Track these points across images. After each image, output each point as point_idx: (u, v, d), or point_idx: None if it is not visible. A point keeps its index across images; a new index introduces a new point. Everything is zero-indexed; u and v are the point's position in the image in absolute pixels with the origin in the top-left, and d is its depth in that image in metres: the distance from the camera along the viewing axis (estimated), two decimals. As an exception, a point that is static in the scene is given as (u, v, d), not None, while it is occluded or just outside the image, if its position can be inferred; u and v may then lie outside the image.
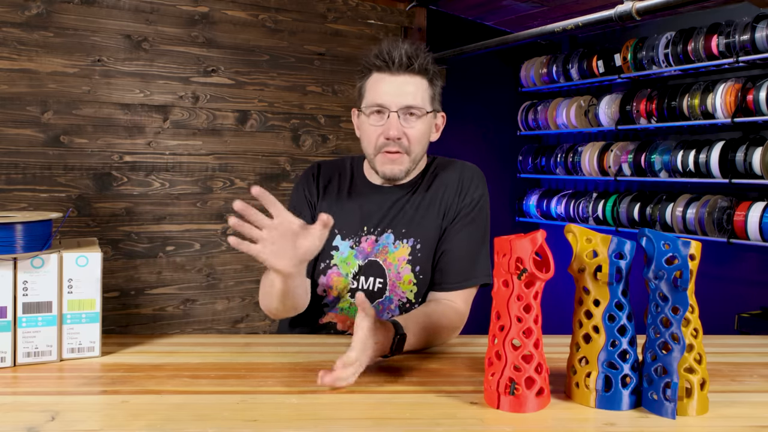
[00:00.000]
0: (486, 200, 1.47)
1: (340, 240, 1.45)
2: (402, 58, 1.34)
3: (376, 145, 1.38)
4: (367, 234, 1.44)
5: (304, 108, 3.17)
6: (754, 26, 3.00)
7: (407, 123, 1.36)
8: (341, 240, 1.44)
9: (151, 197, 2.83)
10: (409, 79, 1.36)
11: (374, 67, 1.37)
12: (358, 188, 1.49)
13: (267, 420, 0.93)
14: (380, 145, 1.38)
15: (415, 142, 1.38)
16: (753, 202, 3.06)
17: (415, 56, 1.35)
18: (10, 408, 0.96)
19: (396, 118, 1.35)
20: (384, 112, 1.36)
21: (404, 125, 1.36)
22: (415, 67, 1.35)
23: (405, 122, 1.36)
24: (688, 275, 0.94)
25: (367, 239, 1.43)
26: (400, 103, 1.35)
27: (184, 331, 2.92)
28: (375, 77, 1.38)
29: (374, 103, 1.36)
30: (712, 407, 0.99)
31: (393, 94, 1.35)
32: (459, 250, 1.41)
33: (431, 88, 1.40)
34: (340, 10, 3.24)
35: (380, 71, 1.36)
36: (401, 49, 1.34)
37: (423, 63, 1.36)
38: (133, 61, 2.76)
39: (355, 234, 1.44)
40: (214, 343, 1.37)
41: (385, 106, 1.35)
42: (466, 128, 4.20)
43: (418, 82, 1.36)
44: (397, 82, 1.35)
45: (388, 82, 1.35)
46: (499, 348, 0.98)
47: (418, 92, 1.36)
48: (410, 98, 1.35)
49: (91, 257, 1.18)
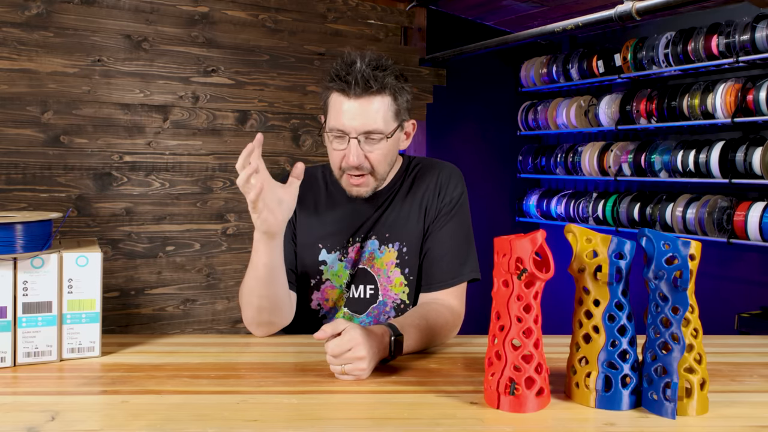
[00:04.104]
0: (465, 198, 1.46)
1: (326, 254, 1.43)
2: (357, 81, 1.26)
3: (339, 167, 1.36)
4: (351, 244, 1.43)
5: (304, 108, 3.17)
6: (754, 26, 3.00)
7: (369, 146, 1.32)
8: (327, 254, 1.43)
9: (151, 197, 2.83)
10: (370, 100, 1.29)
11: (333, 88, 1.31)
12: (335, 198, 1.46)
13: (267, 420, 0.93)
14: (344, 167, 1.34)
15: (378, 164, 1.34)
16: (753, 202, 3.06)
17: (372, 77, 1.27)
18: (10, 408, 0.96)
19: (356, 144, 1.30)
20: (344, 137, 1.31)
21: (366, 149, 1.31)
22: (374, 88, 1.28)
23: (367, 145, 1.31)
24: (688, 275, 0.94)
25: (352, 248, 1.43)
26: (359, 128, 1.29)
27: (184, 331, 2.92)
28: (334, 98, 1.31)
29: (334, 128, 1.31)
30: (712, 407, 0.99)
31: (352, 118, 1.29)
32: (443, 249, 1.41)
33: (395, 104, 1.33)
34: (340, 10, 3.24)
35: (340, 93, 1.30)
36: (358, 72, 1.27)
37: (382, 82, 1.28)
38: (133, 61, 2.76)
39: (340, 245, 1.43)
40: (214, 343, 1.37)
41: (345, 132, 1.30)
42: (466, 128, 4.20)
43: (379, 101, 1.30)
44: (357, 106, 1.29)
45: (347, 106, 1.29)
46: (499, 348, 0.98)
47: (379, 113, 1.30)
48: (371, 123, 1.29)
49: (91, 257, 1.18)
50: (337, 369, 1.10)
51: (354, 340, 1.08)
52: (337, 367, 1.10)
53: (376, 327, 1.18)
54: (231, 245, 3.02)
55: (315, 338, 1.11)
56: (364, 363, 1.09)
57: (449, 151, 4.08)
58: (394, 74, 1.32)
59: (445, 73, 3.69)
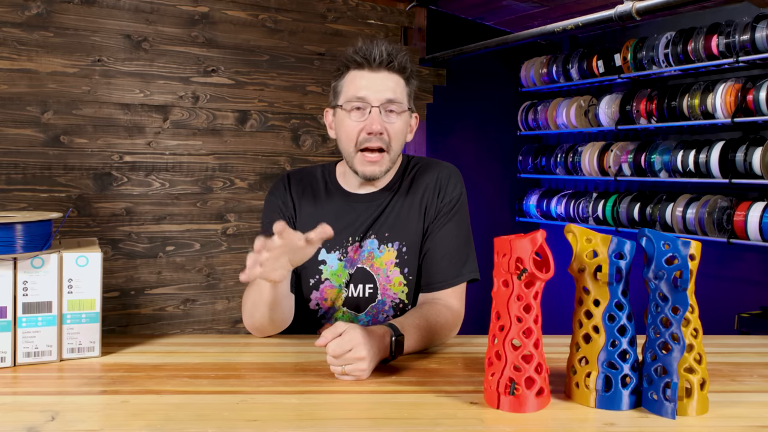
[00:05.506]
0: (464, 198, 1.47)
1: (326, 253, 1.43)
2: (382, 54, 1.34)
3: (357, 141, 1.37)
4: (351, 243, 1.43)
5: (304, 108, 3.17)
6: (754, 26, 3.00)
7: (388, 119, 1.36)
8: (327, 253, 1.43)
9: (151, 197, 2.83)
10: (389, 75, 1.36)
11: (353, 64, 1.36)
12: (334, 198, 1.47)
13: (267, 420, 0.93)
14: (361, 140, 1.36)
15: (395, 139, 1.38)
16: (753, 202, 3.06)
17: (393, 54, 1.35)
18: (10, 408, 0.96)
19: (377, 113, 1.34)
20: (365, 107, 1.35)
21: (385, 121, 1.36)
22: (395, 64, 1.35)
23: (386, 117, 1.36)
24: (688, 275, 0.94)
25: (351, 247, 1.43)
26: (380, 98, 1.34)
27: (184, 331, 2.92)
28: (353, 74, 1.37)
29: (354, 97, 1.35)
30: (712, 407, 0.99)
31: (373, 89, 1.34)
32: (444, 249, 1.41)
33: (408, 87, 1.40)
34: (340, 10, 3.24)
35: (359, 68, 1.36)
36: (380, 47, 1.35)
37: (401, 61, 1.36)
38: (133, 61, 2.76)
39: (340, 245, 1.43)
40: (214, 343, 1.37)
41: (367, 101, 1.34)
42: (466, 128, 4.20)
43: (396, 79, 1.37)
44: (377, 78, 1.35)
45: (368, 78, 1.35)
46: (499, 348, 0.98)
47: (397, 88, 1.37)
48: (390, 93, 1.35)
49: (91, 257, 1.18)
50: (338, 369, 1.10)
51: (354, 341, 1.08)
52: (338, 368, 1.10)
53: (377, 327, 1.18)
54: (231, 245, 3.02)
55: (316, 345, 1.11)
56: (364, 363, 1.09)
57: (449, 151, 4.08)
58: (410, 61, 1.40)
59: (445, 73, 3.69)
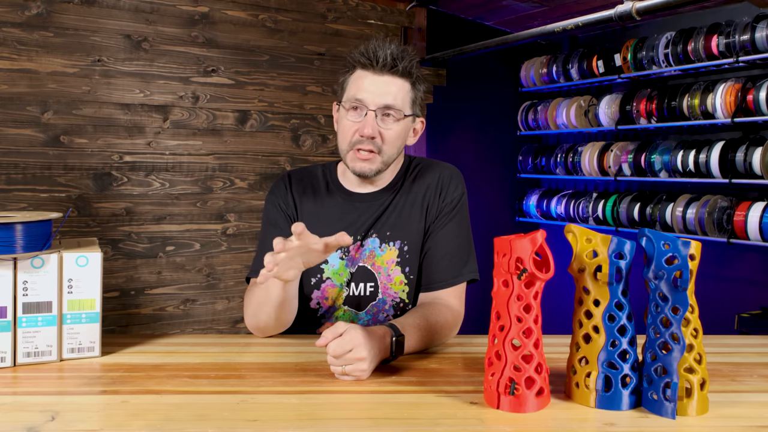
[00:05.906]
0: (465, 199, 1.48)
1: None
2: (387, 58, 1.33)
3: (350, 140, 1.37)
4: (352, 242, 1.43)
5: (304, 108, 3.17)
6: (754, 26, 3.00)
7: (384, 123, 1.36)
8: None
9: (151, 197, 2.83)
10: (392, 80, 1.35)
11: (359, 63, 1.36)
12: (336, 197, 1.47)
13: (267, 420, 0.93)
14: (354, 141, 1.36)
15: (389, 144, 1.37)
16: (753, 202, 3.06)
17: (400, 58, 1.34)
18: (10, 408, 0.96)
19: (373, 117, 1.34)
20: (362, 109, 1.35)
21: (380, 125, 1.35)
22: (399, 68, 1.34)
23: (382, 122, 1.35)
24: (688, 275, 0.94)
25: (353, 246, 1.43)
26: (378, 102, 1.34)
27: (184, 331, 2.92)
28: (358, 74, 1.37)
29: (353, 98, 1.36)
30: (712, 407, 0.99)
31: (373, 92, 1.34)
32: (444, 249, 1.41)
33: (413, 92, 1.39)
34: (340, 10, 3.24)
35: (364, 68, 1.36)
36: (387, 50, 1.34)
37: (407, 66, 1.35)
38: (133, 61, 2.76)
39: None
40: (214, 343, 1.37)
41: (364, 103, 1.35)
42: (466, 128, 4.20)
43: (400, 84, 1.36)
44: (379, 82, 1.35)
45: (370, 80, 1.35)
46: (499, 348, 0.98)
47: (399, 94, 1.36)
48: (390, 98, 1.35)
49: (91, 257, 1.18)
50: (338, 369, 1.10)
51: (355, 341, 1.08)
52: (338, 368, 1.10)
53: (377, 327, 1.18)
54: (231, 245, 3.02)
55: (317, 346, 1.11)
56: (364, 364, 1.09)
57: (449, 151, 4.08)
58: (417, 66, 1.39)
59: (445, 73, 3.69)
